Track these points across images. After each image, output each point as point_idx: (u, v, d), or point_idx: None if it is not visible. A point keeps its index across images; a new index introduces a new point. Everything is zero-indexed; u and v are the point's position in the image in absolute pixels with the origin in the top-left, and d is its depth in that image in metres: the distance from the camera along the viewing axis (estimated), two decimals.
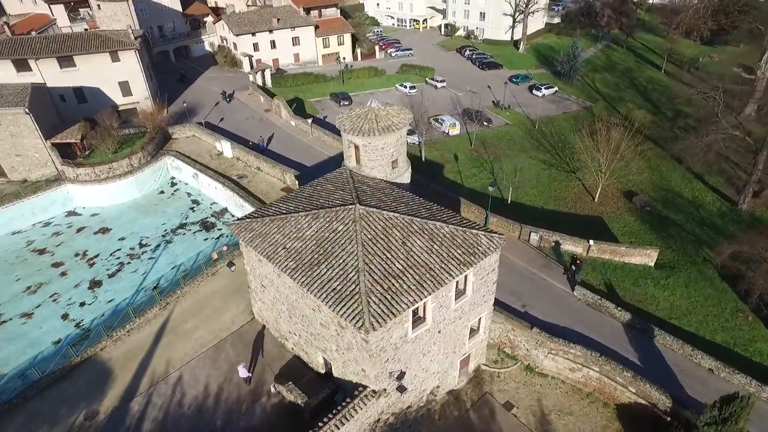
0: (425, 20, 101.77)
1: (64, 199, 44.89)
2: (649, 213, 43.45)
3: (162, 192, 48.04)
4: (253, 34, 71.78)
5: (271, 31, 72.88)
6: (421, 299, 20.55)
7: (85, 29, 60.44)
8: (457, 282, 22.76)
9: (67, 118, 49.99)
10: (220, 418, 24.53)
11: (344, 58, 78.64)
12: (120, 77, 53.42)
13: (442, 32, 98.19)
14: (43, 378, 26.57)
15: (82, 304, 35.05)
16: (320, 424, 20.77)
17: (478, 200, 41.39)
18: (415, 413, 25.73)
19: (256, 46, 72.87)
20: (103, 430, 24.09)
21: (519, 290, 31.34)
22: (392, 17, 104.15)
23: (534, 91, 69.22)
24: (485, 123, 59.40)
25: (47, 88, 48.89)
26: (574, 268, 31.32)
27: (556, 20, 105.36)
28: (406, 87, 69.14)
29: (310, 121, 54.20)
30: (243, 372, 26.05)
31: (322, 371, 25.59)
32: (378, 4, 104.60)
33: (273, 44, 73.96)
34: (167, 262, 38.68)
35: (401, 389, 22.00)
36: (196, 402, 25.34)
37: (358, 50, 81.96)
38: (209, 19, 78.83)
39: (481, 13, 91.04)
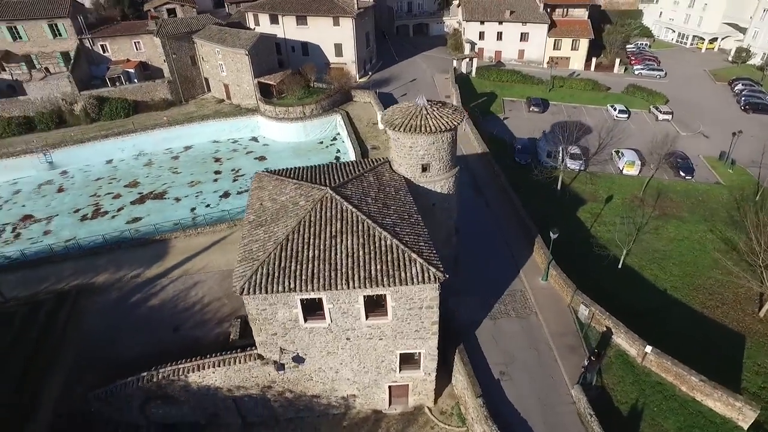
0: (714, 39, 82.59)
1: (253, 126, 56.33)
2: None
3: (321, 142, 55.13)
4: (482, 22, 71.81)
5: (500, 23, 71.52)
6: (303, 291, 20.27)
7: None
8: (370, 297, 21.30)
9: (290, 65, 61.37)
10: (191, 323, 29.29)
11: (556, 64, 71.14)
12: (336, 39, 61.97)
13: (731, 57, 78.39)
14: (131, 240, 36.16)
15: (207, 206, 44.72)
16: (207, 356, 23.27)
17: (580, 250, 35.14)
18: (326, 408, 25.55)
19: (482, 35, 72.86)
20: (131, 289, 31.86)
21: (515, 355, 26.15)
22: (672, 30, 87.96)
23: None
24: (682, 173, 47.18)
25: (275, 38, 60.48)
26: (587, 363, 24.18)
27: None
28: (615, 110, 59.56)
29: (465, 115, 52.90)
30: None
31: None
32: (660, 14, 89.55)
33: (499, 36, 72.57)
34: None
35: (279, 367, 22.43)
36: (189, 302, 30.69)
37: (594, 59, 73.14)
38: (456, 1, 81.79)
39: None
